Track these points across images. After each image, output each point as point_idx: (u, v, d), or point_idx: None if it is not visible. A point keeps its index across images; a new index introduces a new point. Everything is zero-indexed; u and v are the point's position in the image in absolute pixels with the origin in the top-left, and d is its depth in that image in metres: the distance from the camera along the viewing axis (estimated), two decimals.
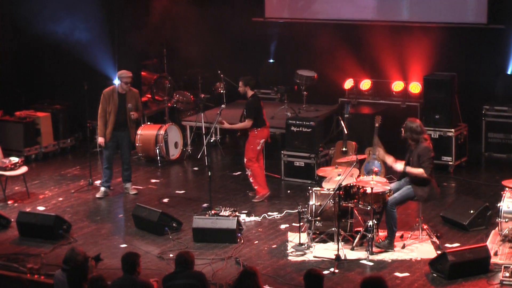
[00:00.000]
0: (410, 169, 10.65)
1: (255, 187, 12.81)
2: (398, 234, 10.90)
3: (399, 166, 10.74)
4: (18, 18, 15.60)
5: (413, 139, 10.69)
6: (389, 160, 10.91)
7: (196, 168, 14.76)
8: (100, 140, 12.99)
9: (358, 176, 10.83)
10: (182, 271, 8.32)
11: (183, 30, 16.77)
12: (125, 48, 15.94)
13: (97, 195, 13.15)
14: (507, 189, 10.86)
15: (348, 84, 16.02)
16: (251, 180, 12.80)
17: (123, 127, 12.97)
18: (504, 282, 9.58)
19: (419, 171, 10.58)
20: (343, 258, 10.38)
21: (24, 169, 13.23)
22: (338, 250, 10.40)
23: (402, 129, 10.82)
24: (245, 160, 12.70)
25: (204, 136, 13.97)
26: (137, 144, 14.99)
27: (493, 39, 15.06)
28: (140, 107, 13.28)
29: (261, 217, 12.09)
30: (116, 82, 13.16)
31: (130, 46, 16.07)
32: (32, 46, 15.88)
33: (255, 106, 12.55)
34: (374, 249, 10.58)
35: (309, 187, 11.38)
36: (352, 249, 10.69)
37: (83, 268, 8.14)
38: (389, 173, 12.74)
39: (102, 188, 13.21)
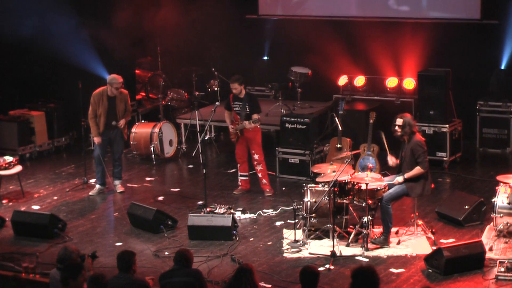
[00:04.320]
0: (409, 174, 10.67)
1: (265, 182, 12.81)
2: (393, 230, 10.91)
3: (399, 178, 10.74)
4: (10, 17, 15.55)
5: (407, 132, 10.70)
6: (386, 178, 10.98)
7: (191, 166, 14.76)
8: (97, 140, 12.96)
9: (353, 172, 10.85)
10: (180, 268, 8.31)
11: (177, 27, 16.74)
12: (118, 46, 15.91)
13: (91, 193, 13.15)
14: (501, 184, 10.87)
15: (342, 80, 16.01)
16: (260, 175, 12.79)
17: (114, 127, 12.97)
18: (499, 277, 9.59)
19: (417, 170, 10.60)
20: (338, 254, 10.38)
21: (18, 168, 13.21)
22: (333, 247, 10.39)
23: (398, 128, 10.76)
24: (257, 156, 12.65)
25: (198, 133, 13.96)
26: (131, 142, 14.98)
27: (487, 35, 15.06)
28: (129, 108, 13.22)
29: (256, 214, 12.08)
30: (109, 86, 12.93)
31: (122, 44, 16.03)
32: (25, 45, 15.82)
33: (257, 101, 12.63)
34: (370, 245, 10.58)
35: (304, 184, 11.38)
36: (348, 245, 10.70)
37: (74, 266, 8.10)
38: (384, 169, 12.76)
39: (98, 186, 13.22)
